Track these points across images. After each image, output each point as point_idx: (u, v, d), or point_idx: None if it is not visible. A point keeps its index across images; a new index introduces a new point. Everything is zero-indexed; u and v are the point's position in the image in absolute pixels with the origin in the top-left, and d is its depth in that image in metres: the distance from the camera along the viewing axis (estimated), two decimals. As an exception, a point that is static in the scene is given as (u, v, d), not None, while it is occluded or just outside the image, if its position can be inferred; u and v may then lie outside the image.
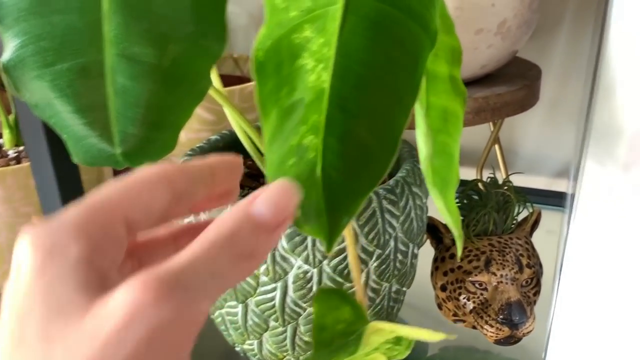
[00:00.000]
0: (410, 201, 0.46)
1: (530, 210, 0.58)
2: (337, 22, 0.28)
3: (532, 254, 0.54)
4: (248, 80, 0.77)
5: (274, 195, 0.24)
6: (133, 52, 0.33)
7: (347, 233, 0.42)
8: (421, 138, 0.35)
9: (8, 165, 0.58)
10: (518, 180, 0.87)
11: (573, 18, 0.77)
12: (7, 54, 0.33)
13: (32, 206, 0.55)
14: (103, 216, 0.23)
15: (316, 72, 0.28)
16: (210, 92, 0.42)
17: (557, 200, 0.78)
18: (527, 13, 0.58)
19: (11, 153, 0.60)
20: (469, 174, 0.88)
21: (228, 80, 0.83)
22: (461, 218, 0.58)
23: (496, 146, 0.76)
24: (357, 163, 0.29)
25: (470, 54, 0.58)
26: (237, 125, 0.49)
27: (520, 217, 0.59)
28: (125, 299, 0.20)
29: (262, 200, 0.24)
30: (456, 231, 0.36)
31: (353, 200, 0.29)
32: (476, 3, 0.54)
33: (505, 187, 0.56)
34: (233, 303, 0.49)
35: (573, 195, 0.45)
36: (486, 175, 0.80)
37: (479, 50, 0.58)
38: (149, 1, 0.32)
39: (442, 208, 0.36)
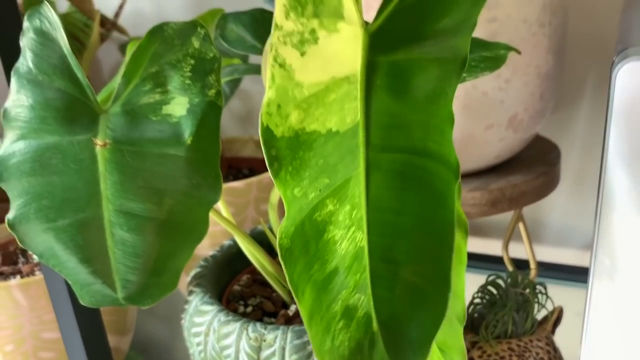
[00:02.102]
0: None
1: (551, 308, 0.56)
2: (362, 184, 0.29)
3: (554, 356, 0.52)
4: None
5: None
6: (129, 207, 0.34)
7: None
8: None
9: (33, 271, 0.60)
10: (547, 255, 0.85)
11: (593, 89, 0.75)
12: (11, 212, 0.35)
13: (54, 314, 0.57)
14: None
15: (348, 238, 0.29)
16: (219, 219, 0.43)
17: (587, 276, 0.75)
18: (539, 104, 0.57)
19: (36, 258, 0.62)
20: (494, 246, 0.87)
21: (250, 162, 0.85)
22: (480, 317, 0.56)
23: (520, 225, 0.74)
24: (413, 308, 0.29)
25: (482, 148, 0.57)
26: (240, 242, 0.49)
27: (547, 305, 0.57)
28: None
29: None
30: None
31: (420, 347, 0.29)
32: (485, 101, 0.54)
33: (525, 287, 0.55)
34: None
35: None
36: (512, 249, 0.78)
37: (491, 144, 0.57)
38: (142, 160, 0.33)
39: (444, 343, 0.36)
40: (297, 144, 0.28)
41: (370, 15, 0.29)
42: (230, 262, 0.55)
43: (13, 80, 0.33)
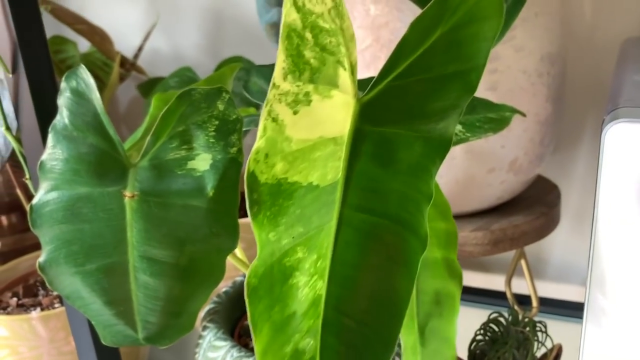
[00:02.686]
0: None
1: (550, 346, 0.58)
2: (331, 237, 0.31)
3: (554, 393, 0.54)
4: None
5: None
6: (153, 253, 0.36)
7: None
8: (403, 329, 0.37)
9: (52, 303, 0.62)
10: (549, 290, 0.87)
11: (592, 132, 0.78)
12: (42, 257, 0.37)
13: (72, 346, 0.59)
14: None
15: (310, 285, 0.31)
16: (232, 259, 0.46)
17: (588, 312, 0.77)
18: (538, 149, 0.60)
19: (54, 292, 0.64)
20: (497, 282, 0.89)
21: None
22: (481, 353, 0.58)
23: (522, 262, 0.76)
24: (357, 359, 0.31)
25: (484, 190, 0.60)
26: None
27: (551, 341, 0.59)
28: None
29: None
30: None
31: None
32: (486, 146, 0.57)
33: (525, 325, 0.57)
34: None
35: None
36: (515, 284, 0.80)
37: (492, 187, 0.60)
38: (166, 210, 0.36)
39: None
40: (279, 192, 0.30)
41: (376, 66, 0.31)
42: (242, 297, 0.57)
43: (50, 135, 0.36)
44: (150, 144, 0.35)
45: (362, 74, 0.49)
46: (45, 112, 0.43)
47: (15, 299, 0.63)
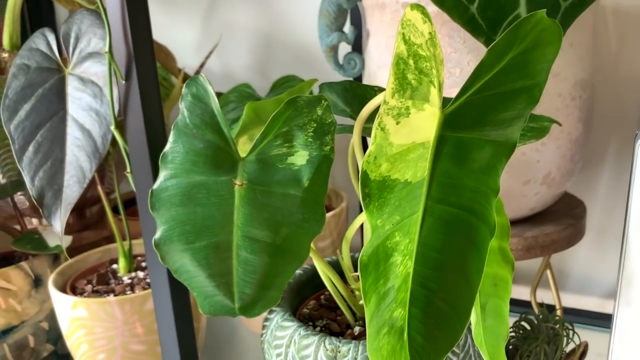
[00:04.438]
0: (469, 340, 0.54)
1: (578, 342, 0.64)
2: (418, 225, 0.38)
3: (581, 385, 0.60)
4: (332, 208, 0.86)
5: None
6: (254, 234, 0.43)
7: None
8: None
9: (124, 290, 0.69)
10: (571, 301, 0.92)
11: (616, 153, 0.84)
12: (158, 234, 0.44)
13: (144, 328, 0.65)
14: None
15: (403, 263, 0.37)
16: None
17: (607, 322, 0.83)
18: (569, 165, 0.67)
19: (126, 279, 0.71)
20: (523, 292, 0.94)
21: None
22: (515, 348, 0.64)
23: (548, 271, 0.82)
24: (436, 328, 0.37)
25: (519, 201, 0.66)
26: (319, 267, 0.58)
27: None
28: None
29: None
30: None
31: (435, 358, 0.37)
32: (524, 160, 0.63)
33: (555, 322, 0.63)
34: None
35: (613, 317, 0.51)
36: (539, 295, 0.86)
37: (527, 198, 0.66)
38: (268, 197, 0.43)
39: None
40: (383, 187, 0.37)
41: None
42: (300, 289, 0.63)
43: (173, 132, 0.43)
44: (259, 141, 0.42)
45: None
46: (150, 114, 0.50)
47: (90, 286, 0.70)
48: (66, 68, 0.61)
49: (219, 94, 0.92)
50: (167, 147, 0.43)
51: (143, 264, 0.74)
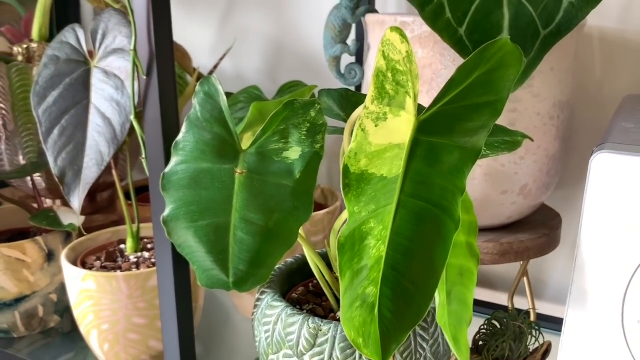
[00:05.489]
0: (439, 329, 0.59)
1: (542, 342, 0.70)
2: (391, 215, 0.43)
3: (541, 379, 0.65)
4: (327, 207, 0.92)
5: None
6: (250, 217, 0.49)
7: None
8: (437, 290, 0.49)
9: (130, 268, 0.75)
10: (547, 309, 0.98)
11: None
12: (166, 212, 0.50)
13: (146, 303, 0.71)
14: None
15: (376, 247, 0.43)
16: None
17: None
18: (546, 178, 0.72)
19: (132, 258, 0.77)
20: (502, 298, 1.00)
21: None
22: (484, 343, 0.70)
23: (525, 279, 0.88)
24: (403, 306, 0.43)
25: (497, 209, 0.72)
26: (308, 255, 0.64)
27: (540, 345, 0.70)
28: None
29: None
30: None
31: (401, 333, 0.43)
32: (502, 171, 0.69)
33: (522, 322, 0.68)
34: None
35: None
36: (517, 301, 0.91)
37: (504, 206, 0.72)
38: (264, 186, 0.49)
39: (452, 342, 0.49)
40: (361, 179, 0.43)
41: (419, 98, 0.43)
42: (290, 275, 0.69)
43: (185, 123, 0.49)
44: (259, 136, 0.48)
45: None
46: (167, 107, 0.57)
47: (99, 262, 0.76)
48: (92, 61, 0.67)
49: (229, 94, 0.98)
50: (180, 137, 0.49)
51: (149, 246, 0.81)
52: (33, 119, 0.96)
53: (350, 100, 0.58)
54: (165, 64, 0.56)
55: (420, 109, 0.44)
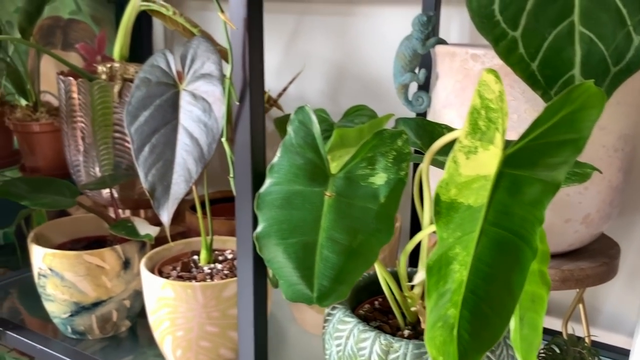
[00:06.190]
0: (504, 350, 0.62)
1: (603, 368, 0.71)
2: (474, 242, 0.47)
3: (602, 405, 0.67)
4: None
5: None
6: (336, 237, 0.53)
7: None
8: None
9: (205, 279, 0.79)
10: (602, 336, 0.99)
11: (654, 203, 0.91)
12: (259, 229, 0.54)
13: (219, 312, 0.76)
14: None
15: (459, 271, 0.46)
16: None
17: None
18: (608, 209, 0.74)
19: (206, 269, 0.81)
20: (556, 324, 1.01)
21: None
22: (544, 366, 0.72)
23: (580, 305, 0.89)
24: (481, 328, 0.46)
25: (560, 237, 0.74)
26: (380, 273, 0.68)
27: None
28: None
29: None
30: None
31: (477, 354, 0.46)
32: (567, 200, 0.72)
33: (583, 348, 0.70)
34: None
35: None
36: (570, 328, 0.93)
37: (567, 234, 0.74)
38: (350, 208, 0.52)
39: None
40: (451, 207, 0.46)
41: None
42: (358, 292, 0.73)
43: (280, 149, 0.53)
44: (348, 162, 0.52)
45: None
46: (256, 131, 0.61)
47: (175, 272, 0.81)
48: (180, 84, 0.73)
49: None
50: (275, 160, 0.54)
51: (220, 258, 0.85)
52: (111, 133, 1.02)
53: (426, 129, 0.62)
54: (257, 91, 0.61)
55: (506, 142, 0.47)
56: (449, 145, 0.48)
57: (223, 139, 0.63)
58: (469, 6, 0.63)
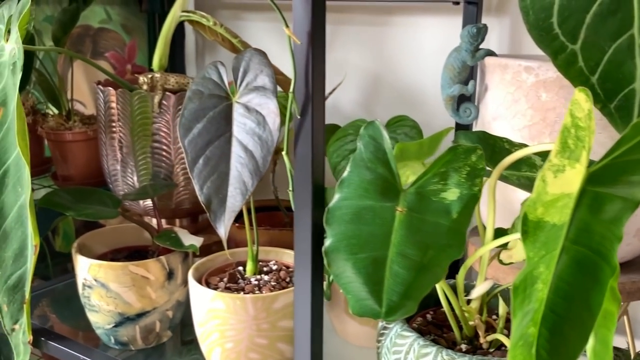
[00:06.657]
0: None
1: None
2: (555, 260, 0.46)
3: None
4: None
5: None
6: (406, 252, 0.53)
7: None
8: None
9: (253, 290, 0.79)
10: (642, 348, 0.99)
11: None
12: (328, 243, 0.54)
13: (269, 324, 0.76)
14: None
15: (542, 290, 0.46)
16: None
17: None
18: (661, 221, 0.74)
19: (253, 280, 0.81)
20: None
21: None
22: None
23: (625, 318, 0.89)
24: (560, 346, 0.46)
25: (613, 249, 0.74)
26: (439, 286, 0.67)
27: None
28: None
29: None
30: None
31: None
32: (620, 213, 0.71)
33: (638, 361, 0.70)
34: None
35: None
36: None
37: (620, 248, 0.74)
38: (422, 224, 0.52)
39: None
40: (537, 226, 0.46)
41: (539, 139, 0.45)
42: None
43: (350, 164, 0.53)
44: (420, 177, 0.52)
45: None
46: (317, 145, 0.61)
47: (222, 283, 0.81)
48: (233, 97, 0.73)
49: (335, 127, 1.03)
50: (345, 175, 0.54)
51: (265, 269, 0.85)
52: (149, 143, 1.02)
53: (487, 142, 0.61)
54: (318, 105, 0.61)
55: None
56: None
57: (283, 153, 0.63)
58: (526, 19, 0.63)
